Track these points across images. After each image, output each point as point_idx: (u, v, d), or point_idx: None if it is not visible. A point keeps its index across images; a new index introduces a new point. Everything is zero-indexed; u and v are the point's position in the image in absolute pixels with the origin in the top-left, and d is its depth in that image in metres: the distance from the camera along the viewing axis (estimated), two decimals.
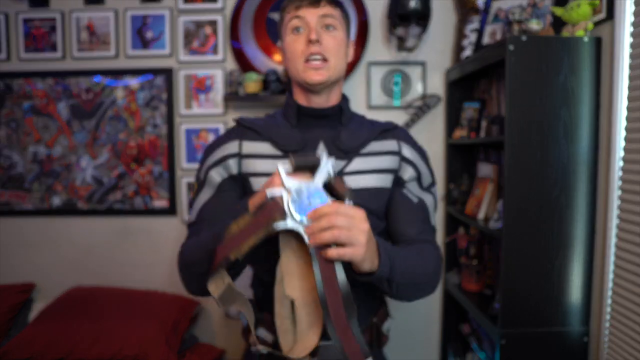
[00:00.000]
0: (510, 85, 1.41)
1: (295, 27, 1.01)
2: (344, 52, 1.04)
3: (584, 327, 1.47)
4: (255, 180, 1.02)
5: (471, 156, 2.07)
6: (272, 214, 0.76)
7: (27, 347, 1.80)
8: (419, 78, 2.12)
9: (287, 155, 0.99)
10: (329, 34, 1.01)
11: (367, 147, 1.06)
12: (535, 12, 1.59)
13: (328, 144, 1.04)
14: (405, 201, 1.06)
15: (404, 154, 1.09)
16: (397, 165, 1.07)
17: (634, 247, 1.30)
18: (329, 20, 1.00)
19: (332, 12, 1.01)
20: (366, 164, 1.04)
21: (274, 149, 1.03)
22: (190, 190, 2.19)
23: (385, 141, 1.08)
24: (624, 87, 1.34)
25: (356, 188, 1.01)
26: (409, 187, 1.09)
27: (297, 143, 1.03)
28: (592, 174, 1.44)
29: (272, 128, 1.06)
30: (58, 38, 2.17)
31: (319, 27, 1.00)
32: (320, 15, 1.00)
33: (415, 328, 2.22)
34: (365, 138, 1.06)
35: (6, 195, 2.24)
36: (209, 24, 2.14)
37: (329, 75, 1.01)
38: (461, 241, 1.97)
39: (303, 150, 1.02)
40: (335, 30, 1.02)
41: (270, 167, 1.01)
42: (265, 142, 1.04)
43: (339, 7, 1.04)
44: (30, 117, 2.21)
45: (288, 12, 1.03)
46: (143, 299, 2.06)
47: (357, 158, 1.04)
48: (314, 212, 0.78)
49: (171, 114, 2.17)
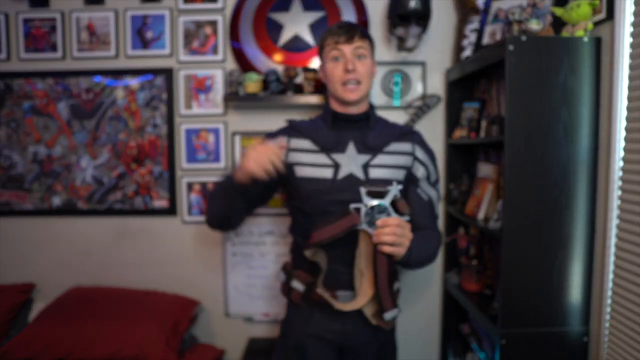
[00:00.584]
0: (510, 85, 1.41)
1: (335, 56, 1.33)
2: (371, 74, 1.37)
3: (584, 327, 1.47)
4: (299, 169, 1.36)
5: (471, 156, 2.08)
6: (355, 219, 1.23)
7: (27, 347, 1.80)
8: (419, 78, 2.12)
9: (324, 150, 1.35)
10: (361, 62, 1.33)
11: (389, 146, 1.37)
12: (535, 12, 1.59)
13: (357, 142, 1.36)
14: (419, 199, 1.40)
15: (417, 155, 1.41)
16: (410, 163, 1.40)
17: (634, 247, 1.30)
18: (361, 51, 1.33)
19: (362, 44, 1.33)
20: (386, 160, 1.36)
21: (313, 145, 1.36)
22: (190, 190, 2.19)
23: (403, 143, 1.40)
24: (623, 87, 1.34)
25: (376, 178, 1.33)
26: (422, 186, 1.41)
27: (332, 142, 1.35)
28: (592, 174, 1.44)
29: (312, 129, 1.39)
30: (58, 38, 2.17)
31: (353, 57, 1.32)
32: (354, 48, 1.32)
33: (415, 328, 2.22)
34: (387, 139, 1.38)
35: (6, 195, 2.24)
36: (209, 24, 2.14)
37: (362, 94, 1.35)
38: (461, 241, 1.97)
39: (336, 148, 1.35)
40: (365, 58, 1.34)
41: (310, 159, 1.35)
42: (307, 139, 1.37)
43: (367, 39, 1.36)
44: (30, 117, 2.21)
45: (328, 44, 1.34)
46: (143, 299, 2.06)
47: (380, 155, 1.36)
48: (383, 221, 1.20)
49: (171, 114, 2.18)
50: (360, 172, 1.33)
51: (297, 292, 1.42)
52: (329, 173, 1.33)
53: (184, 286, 2.22)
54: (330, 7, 2.07)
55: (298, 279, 1.42)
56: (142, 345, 1.81)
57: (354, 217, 1.22)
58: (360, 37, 1.33)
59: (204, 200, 2.19)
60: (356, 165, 1.33)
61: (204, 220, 1.45)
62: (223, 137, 2.17)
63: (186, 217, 2.21)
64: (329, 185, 1.33)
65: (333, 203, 1.32)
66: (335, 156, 1.34)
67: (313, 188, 1.34)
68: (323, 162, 1.35)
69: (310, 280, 1.39)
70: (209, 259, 2.23)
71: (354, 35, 1.32)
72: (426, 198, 1.41)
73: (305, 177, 1.35)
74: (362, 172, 1.33)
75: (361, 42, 1.33)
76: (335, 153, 1.35)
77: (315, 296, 1.35)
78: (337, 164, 1.34)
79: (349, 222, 1.22)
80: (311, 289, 1.37)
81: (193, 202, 2.20)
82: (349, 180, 1.32)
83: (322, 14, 2.07)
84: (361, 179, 1.32)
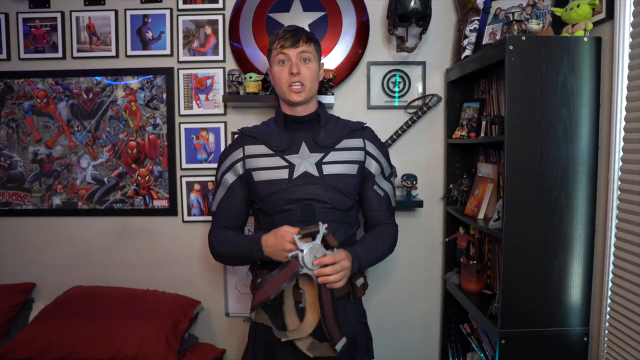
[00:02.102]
0: (510, 85, 1.41)
1: (281, 60, 1.40)
2: (316, 76, 1.44)
3: (584, 327, 1.47)
4: (256, 174, 1.43)
5: (471, 156, 2.08)
6: (296, 267, 1.26)
7: (27, 347, 1.81)
8: (419, 78, 2.12)
9: (279, 153, 1.42)
10: (306, 65, 1.40)
11: (340, 143, 1.44)
12: (535, 12, 1.59)
13: (309, 142, 1.43)
14: (376, 195, 1.48)
15: (368, 150, 1.47)
16: (362, 157, 1.45)
17: (633, 247, 1.30)
18: (305, 55, 1.39)
19: (307, 49, 1.39)
20: (338, 156, 1.42)
21: (267, 149, 1.43)
22: (190, 190, 2.19)
23: (354, 139, 1.46)
24: (623, 87, 1.34)
25: (330, 173, 1.40)
26: (377, 182, 1.47)
27: (285, 143, 1.42)
28: (592, 174, 1.44)
29: (266, 134, 1.46)
30: (58, 38, 2.17)
31: (298, 60, 1.39)
32: (298, 52, 1.38)
33: (415, 328, 2.22)
34: (339, 136, 1.45)
35: (6, 195, 2.24)
36: (209, 24, 2.14)
37: (306, 95, 1.41)
38: (461, 241, 1.97)
39: (289, 149, 1.42)
40: (310, 62, 1.41)
41: (266, 163, 1.42)
42: (262, 144, 1.44)
43: (313, 43, 1.42)
44: (30, 117, 2.21)
45: (275, 48, 1.41)
46: (143, 299, 2.07)
47: (332, 152, 1.42)
48: (319, 261, 1.26)
49: (171, 114, 2.18)
50: (314, 169, 1.40)
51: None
52: (285, 174, 1.41)
53: (184, 286, 2.22)
54: (330, 7, 2.07)
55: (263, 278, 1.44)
56: (142, 345, 1.81)
57: (295, 265, 1.26)
58: (306, 41, 1.39)
59: (203, 200, 2.19)
60: (310, 163, 1.41)
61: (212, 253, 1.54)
62: (223, 137, 2.17)
63: (186, 217, 2.21)
64: (285, 185, 1.40)
65: (290, 201, 1.40)
66: (290, 157, 1.42)
67: (271, 189, 1.41)
68: (278, 164, 1.42)
69: None
70: (209, 258, 2.22)
71: (299, 40, 1.38)
72: (382, 194, 1.48)
73: (263, 180, 1.43)
74: (316, 169, 1.40)
75: (306, 46, 1.39)
76: (289, 154, 1.42)
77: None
78: (292, 164, 1.41)
79: (291, 270, 1.26)
80: None
81: (193, 202, 2.20)
82: (304, 178, 1.40)
83: (322, 14, 2.07)
84: (316, 176, 1.40)
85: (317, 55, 1.44)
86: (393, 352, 2.20)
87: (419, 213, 2.17)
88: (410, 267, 2.20)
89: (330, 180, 1.39)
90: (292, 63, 1.39)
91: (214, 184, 1.55)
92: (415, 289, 2.21)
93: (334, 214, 1.41)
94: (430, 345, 2.23)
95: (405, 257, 2.19)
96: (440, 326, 2.22)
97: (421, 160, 2.16)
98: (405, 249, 2.18)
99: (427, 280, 2.21)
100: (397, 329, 2.20)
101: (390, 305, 2.20)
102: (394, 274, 2.19)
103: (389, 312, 2.19)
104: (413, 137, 2.14)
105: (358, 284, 1.46)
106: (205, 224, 2.21)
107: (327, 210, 1.40)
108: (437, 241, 2.20)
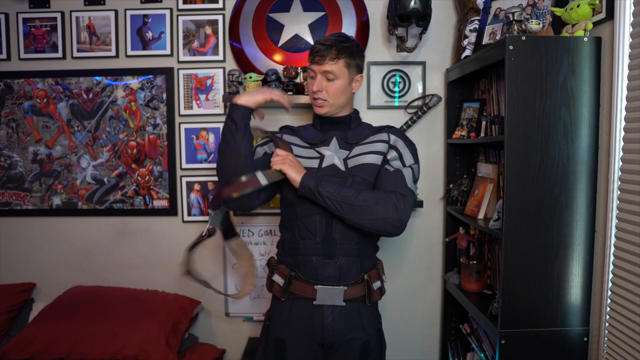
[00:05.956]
0: (510, 85, 1.41)
1: (310, 75, 1.48)
2: (342, 92, 1.46)
3: (584, 327, 1.47)
4: None
5: (471, 156, 2.08)
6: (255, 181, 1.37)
7: (27, 347, 1.81)
8: (419, 78, 2.12)
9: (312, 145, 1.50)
10: (330, 84, 1.44)
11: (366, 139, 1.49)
12: (535, 12, 1.59)
13: (339, 139, 1.50)
14: (384, 171, 1.44)
15: (391, 142, 1.48)
16: (386, 149, 1.47)
17: (633, 247, 1.29)
18: (329, 75, 1.43)
19: (332, 69, 1.42)
20: (363, 149, 1.47)
21: (302, 141, 1.52)
22: (190, 190, 2.19)
23: (379, 134, 1.50)
24: (623, 87, 1.34)
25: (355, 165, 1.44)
26: (390, 163, 1.46)
27: (318, 138, 1.51)
28: (592, 174, 1.44)
29: (302, 129, 1.56)
30: (58, 38, 2.17)
31: (322, 78, 1.44)
32: (322, 71, 1.43)
33: (415, 328, 2.22)
34: (366, 135, 1.51)
35: (6, 195, 2.24)
36: (209, 24, 2.14)
37: (330, 109, 1.47)
38: (461, 241, 1.97)
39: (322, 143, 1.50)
40: (335, 80, 1.44)
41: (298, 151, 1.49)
42: (297, 137, 1.53)
43: (341, 60, 1.43)
44: (30, 117, 2.21)
45: (308, 61, 1.47)
46: (143, 299, 2.07)
47: (356, 147, 1.48)
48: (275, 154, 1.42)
49: (171, 114, 2.18)
50: (341, 164, 1.45)
51: (278, 286, 1.47)
52: (315, 163, 1.47)
53: (184, 286, 2.22)
54: (330, 7, 2.07)
55: (279, 273, 1.48)
56: (142, 345, 1.81)
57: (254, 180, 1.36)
58: (334, 57, 1.41)
59: (203, 200, 2.19)
60: (338, 158, 1.47)
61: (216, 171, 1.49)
62: None
63: (186, 217, 2.21)
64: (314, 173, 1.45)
65: None
66: (320, 149, 1.49)
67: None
68: (310, 154, 1.49)
69: (289, 274, 1.45)
70: (209, 259, 2.23)
71: (325, 58, 1.41)
72: (392, 170, 1.44)
73: None
74: (342, 164, 1.45)
75: (331, 64, 1.42)
76: (321, 146, 1.50)
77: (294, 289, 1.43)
78: (322, 155, 1.48)
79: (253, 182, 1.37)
80: (290, 282, 1.44)
81: (193, 202, 2.20)
82: (331, 170, 1.45)
83: (322, 14, 2.07)
84: (342, 170, 1.44)
85: (348, 71, 1.45)
86: (393, 351, 2.20)
87: (419, 213, 2.17)
88: (410, 267, 2.20)
89: (353, 171, 1.43)
90: (316, 80, 1.45)
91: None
92: (415, 289, 2.21)
93: None
94: (430, 345, 2.23)
95: (405, 257, 2.19)
96: (440, 326, 2.22)
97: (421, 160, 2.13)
98: (405, 249, 2.18)
99: (427, 280, 2.21)
100: (397, 329, 2.20)
101: (391, 305, 2.20)
102: (394, 274, 2.19)
103: (389, 311, 2.19)
104: (413, 137, 2.12)
105: (374, 287, 1.47)
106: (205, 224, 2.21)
107: None
108: (437, 241, 2.20)
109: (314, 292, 1.41)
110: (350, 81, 1.47)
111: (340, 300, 1.41)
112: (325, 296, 1.41)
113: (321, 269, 1.41)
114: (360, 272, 1.44)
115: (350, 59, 1.44)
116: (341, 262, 1.41)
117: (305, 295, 1.42)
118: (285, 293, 1.45)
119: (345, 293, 1.41)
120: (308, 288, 1.41)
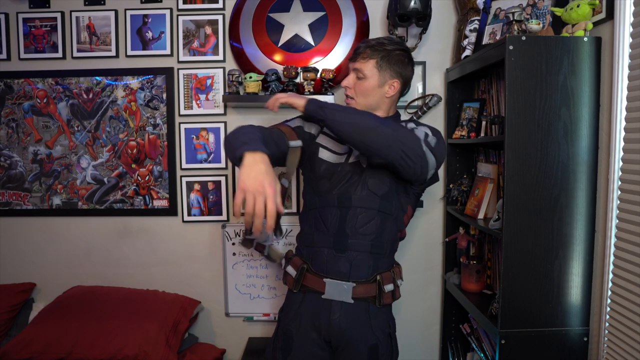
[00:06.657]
0: (510, 85, 1.41)
1: (349, 70, 1.52)
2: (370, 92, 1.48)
3: (584, 327, 1.47)
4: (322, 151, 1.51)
5: (471, 156, 2.08)
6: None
7: (27, 347, 1.81)
8: (419, 78, 2.12)
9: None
10: (359, 82, 1.48)
11: None
12: (535, 12, 1.59)
13: None
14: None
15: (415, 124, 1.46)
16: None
17: (633, 246, 1.29)
18: (359, 73, 1.47)
19: (361, 67, 1.46)
20: None
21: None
22: (190, 190, 2.19)
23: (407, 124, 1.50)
24: (623, 87, 1.34)
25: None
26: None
27: None
28: (592, 174, 1.44)
29: None
30: (58, 38, 2.17)
31: (354, 75, 1.50)
32: (354, 68, 1.49)
33: (415, 328, 2.22)
34: None
35: (6, 195, 2.24)
36: (209, 24, 2.14)
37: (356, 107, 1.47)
38: (461, 241, 1.97)
39: None
40: (363, 79, 1.47)
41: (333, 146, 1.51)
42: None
43: (372, 60, 1.46)
44: (30, 117, 2.21)
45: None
46: (143, 299, 2.07)
47: None
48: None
49: (171, 114, 2.17)
50: (364, 159, 1.46)
51: (291, 278, 1.50)
52: (342, 159, 1.49)
53: (184, 286, 2.22)
54: (330, 7, 2.07)
55: (292, 265, 1.50)
56: (142, 345, 1.81)
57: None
58: (367, 56, 1.46)
59: (203, 200, 2.19)
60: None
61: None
62: (223, 137, 2.16)
63: (186, 217, 2.21)
64: (339, 168, 1.48)
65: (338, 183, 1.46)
66: None
67: (327, 169, 1.49)
68: (341, 150, 1.50)
69: (302, 266, 1.46)
70: (209, 259, 2.23)
71: (358, 56, 1.47)
72: (407, 127, 1.44)
73: (325, 159, 1.51)
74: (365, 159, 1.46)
75: (362, 63, 1.46)
76: None
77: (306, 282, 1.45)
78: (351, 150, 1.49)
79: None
80: (302, 275, 1.45)
81: (193, 202, 2.20)
82: (354, 165, 1.46)
83: (322, 14, 2.07)
84: (364, 167, 1.45)
85: (379, 72, 1.46)
86: None
87: (419, 213, 2.17)
88: (410, 267, 2.19)
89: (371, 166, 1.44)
90: (348, 76, 1.51)
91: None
92: (415, 289, 2.21)
93: (371, 200, 1.42)
94: (430, 345, 2.23)
95: (405, 257, 2.19)
96: (440, 326, 2.22)
97: None
98: (405, 249, 2.18)
99: (427, 280, 2.21)
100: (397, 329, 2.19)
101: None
102: None
103: None
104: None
105: (386, 289, 1.45)
106: (205, 224, 2.21)
107: (363, 196, 1.43)
108: (437, 241, 2.20)
109: (324, 285, 1.42)
110: (382, 84, 1.47)
111: (348, 297, 1.41)
112: (333, 291, 1.41)
113: (332, 262, 1.42)
114: (372, 271, 1.44)
115: (384, 62, 1.46)
116: (352, 257, 1.41)
117: (316, 289, 1.43)
118: (297, 285, 1.47)
119: (355, 290, 1.41)
120: (318, 281, 1.43)
